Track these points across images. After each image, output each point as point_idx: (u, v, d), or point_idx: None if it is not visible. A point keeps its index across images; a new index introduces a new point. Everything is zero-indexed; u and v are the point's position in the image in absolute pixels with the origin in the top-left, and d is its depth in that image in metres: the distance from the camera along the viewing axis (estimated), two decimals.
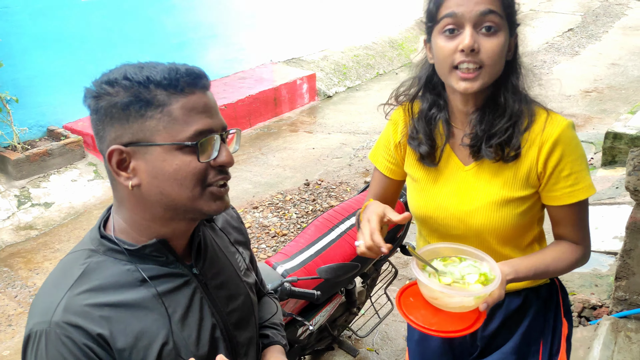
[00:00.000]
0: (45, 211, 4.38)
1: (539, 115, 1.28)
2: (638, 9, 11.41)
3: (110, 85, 0.93)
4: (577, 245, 1.34)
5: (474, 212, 1.33)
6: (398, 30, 9.29)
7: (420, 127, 1.36)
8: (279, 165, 5.22)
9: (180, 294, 1.02)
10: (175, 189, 0.95)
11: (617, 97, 6.71)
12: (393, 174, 1.48)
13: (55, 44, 4.97)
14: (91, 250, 0.99)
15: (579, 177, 1.26)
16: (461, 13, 1.15)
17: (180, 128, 0.93)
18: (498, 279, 1.17)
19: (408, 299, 1.26)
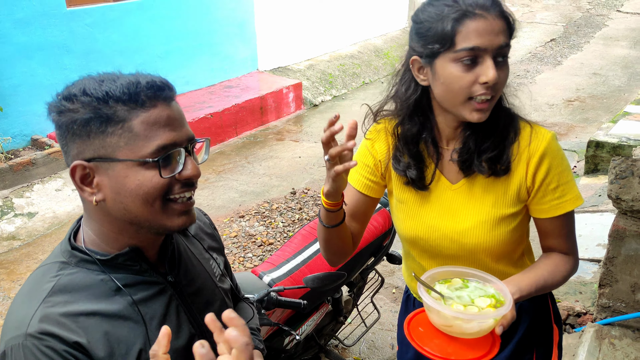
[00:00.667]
0: (29, 221, 4.32)
1: (523, 128, 1.28)
2: (618, 19, 11.63)
3: (70, 101, 0.91)
4: (567, 256, 1.35)
5: (467, 231, 1.31)
6: (383, 39, 9.36)
7: (407, 150, 1.32)
8: (265, 174, 5.22)
9: (156, 302, 1.01)
10: (138, 205, 0.94)
11: (599, 106, 6.81)
12: (370, 191, 1.42)
13: (39, 53, 4.94)
14: (62, 262, 0.98)
15: (566, 189, 1.27)
16: (484, 47, 1.13)
17: (142, 143, 0.91)
18: (510, 299, 1.15)
19: (417, 329, 1.21)
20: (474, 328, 1.11)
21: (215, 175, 5.23)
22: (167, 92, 0.95)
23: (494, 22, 1.13)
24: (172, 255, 1.08)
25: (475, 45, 1.13)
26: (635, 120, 4.84)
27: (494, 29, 1.13)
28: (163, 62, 6.07)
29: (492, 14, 1.14)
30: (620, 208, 2.38)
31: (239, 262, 3.79)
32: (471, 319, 1.11)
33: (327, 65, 8.03)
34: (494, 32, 1.13)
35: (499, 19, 1.14)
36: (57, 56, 5.07)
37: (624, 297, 2.48)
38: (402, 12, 10.00)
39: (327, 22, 8.22)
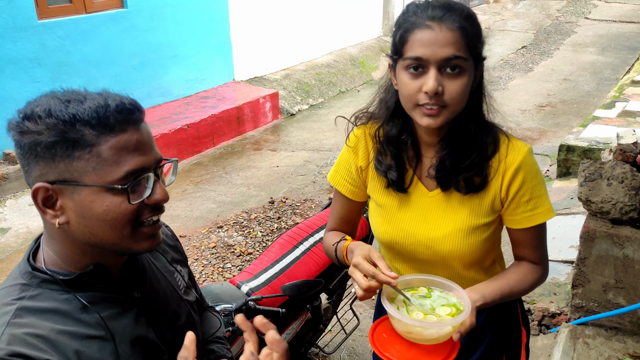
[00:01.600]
0: (2, 237, 4.24)
1: (502, 142, 1.30)
2: (586, 26, 11.93)
3: (33, 122, 0.87)
4: (536, 265, 1.38)
5: (441, 239, 1.34)
6: (359, 48, 9.45)
7: (390, 151, 1.35)
8: (243, 184, 5.21)
9: (123, 319, 0.99)
10: (105, 230, 0.92)
11: (570, 111, 6.96)
12: (356, 197, 1.47)
13: (10, 66, 4.86)
14: (23, 284, 0.94)
15: (538, 202, 1.30)
16: (426, 57, 1.15)
17: (110, 169, 0.89)
18: (468, 307, 1.18)
19: (381, 335, 1.25)
20: (433, 335, 1.15)
21: (193, 186, 5.20)
22: (137, 114, 0.92)
23: (441, 34, 1.14)
24: (136, 271, 1.06)
25: (418, 56, 1.16)
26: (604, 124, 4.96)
27: (439, 41, 1.14)
28: (138, 74, 6.03)
29: (443, 25, 1.14)
30: (590, 210, 2.44)
31: (218, 272, 3.78)
32: (429, 327, 1.15)
33: (303, 75, 8.07)
34: (439, 44, 1.14)
35: (449, 31, 1.14)
36: (28, 69, 5.00)
37: (597, 297, 2.54)
38: (377, 21, 10.11)
39: (302, 32, 8.27)
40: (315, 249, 2.29)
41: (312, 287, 1.98)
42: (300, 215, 4.52)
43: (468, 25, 1.17)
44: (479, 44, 1.21)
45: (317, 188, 5.06)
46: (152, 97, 6.28)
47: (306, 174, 5.38)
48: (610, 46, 10.16)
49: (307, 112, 7.37)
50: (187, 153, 5.82)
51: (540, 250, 1.38)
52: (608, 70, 8.70)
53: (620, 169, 2.32)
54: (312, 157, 5.79)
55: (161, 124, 5.76)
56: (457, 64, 1.16)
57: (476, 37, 1.19)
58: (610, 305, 2.52)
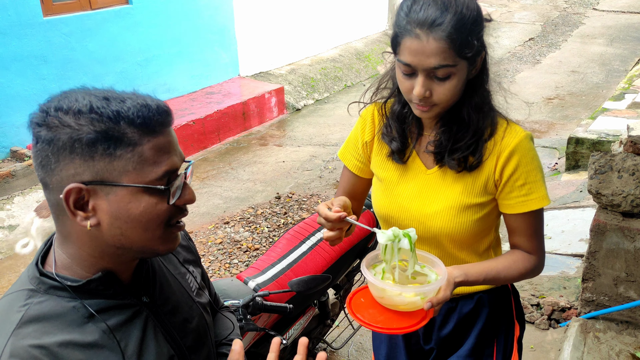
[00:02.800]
0: (10, 234, 4.26)
1: (500, 125, 1.32)
2: (595, 17, 11.81)
3: (73, 117, 0.85)
4: (530, 255, 1.37)
5: (433, 215, 1.37)
6: (364, 42, 9.40)
7: (394, 125, 1.39)
8: (249, 180, 5.20)
9: (131, 326, 0.97)
10: (138, 231, 0.91)
11: (578, 104, 6.90)
12: (361, 172, 1.51)
13: (16, 64, 4.87)
14: (30, 290, 0.92)
15: (533, 188, 1.30)
16: (414, 65, 1.20)
17: (150, 169, 0.88)
18: (443, 279, 1.20)
19: (359, 299, 1.30)
20: (402, 301, 1.20)
21: (199, 182, 5.20)
22: (171, 117, 0.94)
23: (429, 44, 1.16)
24: (146, 275, 1.04)
25: (408, 62, 1.20)
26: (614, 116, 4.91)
27: (426, 51, 1.17)
28: (143, 70, 6.02)
29: (432, 35, 1.16)
30: (600, 203, 2.41)
31: (224, 268, 3.77)
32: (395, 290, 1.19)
33: (308, 69, 8.04)
34: (425, 54, 1.17)
35: (436, 42, 1.16)
36: (34, 66, 5.01)
37: (607, 291, 2.51)
38: (382, 15, 10.06)
39: (307, 26, 8.24)
40: (323, 244, 2.28)
41: (320, 282, 1.97)
42: (307, 211, 4.51)
43: (457, 33, 1.16)
44: (473, 44, 1.20)
45: (323, 183, 5.04)
46: (157, 93, 6.25)
47: (312, 169, 5.37)
48: (619, 37, 10.06)
49: (313, 107, 7.35)
50: (193, 149, 5.82)
51: (535, 240, 1.37)
52: (617, 61, 8.61)
53: (631, 161, 2.29)
54: (318, 152, 5.77)
55: None
56: (444, 72, 1.19)
57: (468, 40, 1.18)
58: (621, 299, 2.50)
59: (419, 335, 1.57)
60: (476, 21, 1.21)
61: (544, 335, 2.79)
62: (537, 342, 2.74)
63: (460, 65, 1.20)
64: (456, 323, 1.51)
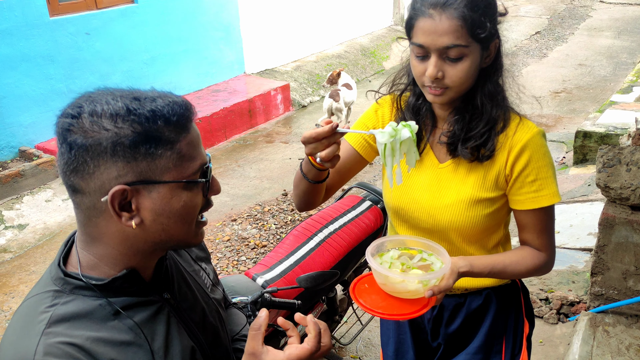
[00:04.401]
0: (20, 233, 4.29)
1: (513, 120, 1.32)
2: (602, 10, 11.72)
3: (111, 120, 0.85)
4: (539, 252, 1.36)
5: (443, 208, 1.36)
6: (369, 38, 9.38)
7: (408, 117, 1.39)
8: (256, 177, 5.21)
9: (156, 322, 0.98)
10: (178, 225, 0.94)
11: (586, 97, 6.86)
12: (363, 150, 1.45)
13: (24, 64, 4.90)
14: (56, 291, 0.92)
15: (543, 184, 1.30)
16: (427, 45, 1.20)
17: (188, 164, 0.92)
18: (446, 267, 1.20)
19: (363, 285, 1.31)
20: (404, 288, 1.20)
21: None
22: (194, 111, 0.96)
23: (441, 23, 1.17)
24: (166, 272, 1.06)
25: (420, 43, 1.21)
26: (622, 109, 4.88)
27: (438, 30, 1.17)
28: (149, 69, 6.04)
29: (444, 14, 1.17)
30: (609, 196, 2.40)
31: (232, 265, 3.79)
32: (397, 277, 1.20)
33: (314, 66, 8.03)
34: (438, 33, 1.18)
35: (449, 20, 1.17)
36: (41, 66, 5.03)
37: (616, 285, 2.50)
38: (387, 11, 10.03)
39: (312, 23, 8.23)
40: (330, 240, 2.28)
41: (328, 278, 1.98)
42: None
43: (470, 12, 1.17)
44: (486, 25, 1.20)
45: None
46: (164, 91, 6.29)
47: None
48: (627, 30, 9.98)
49: (319, 103, 7.34)
50: None
51: (545, 236, 1.36)
52: (624, 54, 8.55)
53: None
54: None
55: None
56: (456, 54, 1.19)
57: (481, 21, 1.19)
58: (631, 293, 2.49)
59: (427, 331, 1.57)
60: (490, 4, 1.22)
61: (553, 329, 2.78)
62: (546, 337, 2.73)
63: (473, 48, 1.20)
64: (464, 319, 1.50)
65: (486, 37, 1.22)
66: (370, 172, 5.11)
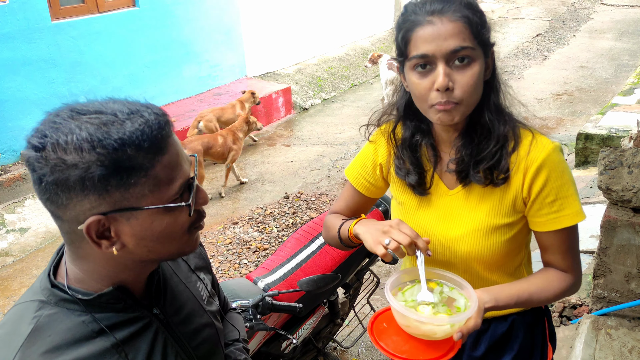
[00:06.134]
0: (21, 237, 4.29)
1: (525, 137, 1.24)
2: (603, 12, 11.72)
3: (76, 154, 0.79)
4: (565, 273, 1.29)
5: (459, 239, 1.29)
6: (370, 40, 9.39)
7: (406, 156, 1.31)
8: (257, 180, 5.21)
9: (140, 340, 0.96)
10: (165, 245, 0.91)
11: (587, 99, 6.85)
12: (368, 192, 1.44)
13: (25, 68, 4.92)
14: (41, 301, 0.91)
15: (564, 204, 1.22)
16: (432, 53, 1.11)
17: (166, 188, 0.86)
18: (474, 307, 1.12)
19: (381, 324, 1.21)
20: (429, 331, 1.10)
21: (208, 182, 5.22)
22: (171, 125, 0.89)
23: (443, 26, 1.10)
24: (157, 286, 1.03)
25: (424, 53, 1.12)
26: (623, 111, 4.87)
27: (442, 34, 1.10)
28: (150, 72, 6.05)
29: (445, 17, 1.11)
30: (610, 199, 2.39)
31: (234, 268, 3.78)
32: (425, 321, 1.09)
33: (315, 69, 8.04)
34: (442, 37, 1.10)
35: (452, 22, 1.10)
36: (43, 70, 5.05)
37: (619, 287, 2.49)
38: (389, 13, 10.04)
39: (314, 26, 8.24)
40: None
41: (329, 282, 1.97)
42: (316, 210, 4.51)
43: (470, 13, 1.12)
44: (484, 30, 1.15)
45: (331, 182, 5.04)
46: (166, 94, 6.30)
47: (320, 168, 5.37)
48: (628, 32, 9.97)
49: (320, 106, 7.35)
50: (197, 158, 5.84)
51: (570, 257, 1.28)
52: (626, 56, 8.54)
53: None
54: (326, 152, 5.77)
55: (175, 121, 5.78)
56: (465, 55, 1.11)
57: (481, 23, 1.14)
58: (633, 295, 2.48)
59: None
60: (482, 10, 1.17)
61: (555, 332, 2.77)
62: None
63: (478, 53, 1.13)
64: (488, 346, 1.43)
65: (487, 41, 1.16)
66: None
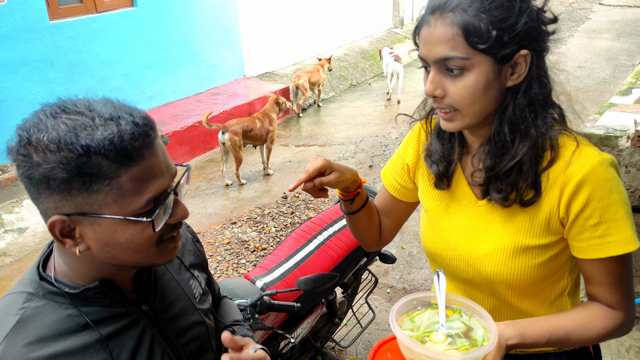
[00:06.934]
0: (19, 237, 4.29)
1: (566, 147, 1.06)
2: (601, 12, 11.74)
3: (42, 154, 0.79)
4: (612, 310, 1.09)
5: (484, 257, 1.14)
6: (369, 40, 9.40)
7: (435, 144, 1.21)
8: (256, 180, 5.21)
9: (126, 336, 0.96)
10: (129, 254, 0.89)
11: (585, 99, 6.87)
12: (400, 195, 1.34)
13: (24, 68, 4.91)
14: (29, 293, 0.91)
15: (611, 228, 1.03)
16: (424, 57, 1.03)
17: (132, 199, 0.83)
18: (492, 343, 0.98)
19: (385, 354, 1.11)
20: None
21: (206, 182, 5.22)
22: (152, 135, 0.85)
23: (436, 30, 0.99)
24: (147, 282, 1.03)
25: (420, 54, 1.05)
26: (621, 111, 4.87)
27: (432, 39, 1.00)
28: (149, 72, 6.05)
29: (439, 21, 0.99)
30: None
31: (232, 268, 3.79)
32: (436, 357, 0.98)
33: None
34: (432, 42, 1.00)
35: (443, 27, 0.98)
36: (41, 70, 5.04)
37: None
38: (387, 13, 10.05)
39: (312, 26, 8.24)
40: (330, 242, 2.28)
41: (327, 281, 1.97)
42: (314, 210, 4.51)
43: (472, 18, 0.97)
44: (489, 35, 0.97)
45: None
46: (164, 94, 6.30)
47: None
48: (626, 32, 9.99)
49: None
50: (199, 150, 5.84)
51: (619, 291, 1.09)
52: (624, 56, 8.56)
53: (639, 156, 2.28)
54: (324, 151, 5.78)
55: (173, 121, 5.78)
56: (454, 65, 1.00)
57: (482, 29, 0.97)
58: None
59: None
60: (504, 6, 0.98)
61: None
62: None
63: (477, 60, 0.99)
64: None
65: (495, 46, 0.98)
66: (370, 174, 5.11)
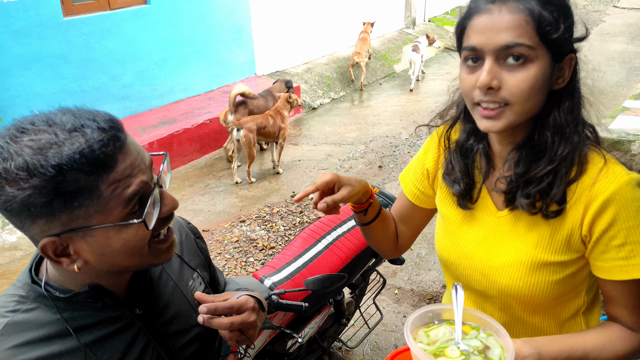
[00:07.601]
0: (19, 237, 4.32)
1: (593, 163, 1.04)
2: (615, 15, 11.64)
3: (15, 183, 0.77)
4: (632, 332, 1.08)
5: (500, 268, 1.12)
6: (380, 40, 9.38)
7: (456, 160, 1.17)
8: (265, 178, 5.22)
9: (117, 340, 0.95)
10: (127, 258, 0.89)
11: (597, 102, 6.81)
12: (419, 201, 1.31)
13: (37, 64, 4.95)
14: (21, 296, 0.91)
15: (635, 250, 1.01)
16: (480, 46, 0.97)
17: (114, 204, 0.82)
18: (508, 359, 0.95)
19: None
20: None
21: (216, 180, 5.23)
22: (120, 137, 0.83)
23: (501, 17, 0.95)
24: (142, 286, 1.02)
25: (473, 45, 0.98)
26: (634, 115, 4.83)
27: (496, 25, 0.95)
28: (160, 69, 6.08)
29: (504, 7, 0.95)
30: None
31: (240, 266, 3.80)
32: None
33: (324, 68, 8.04)
34: (495, 29, 0.95)
35: (510, 14, 0.94)
36: (54, 66, 5.08)
37: None
38: (399, 13, 10.02)
39: (323, 25, 8.24)
40: (338, 242, 2.28)
41: (336, 281, 1.97)
42: None
43: (540, 7, 0.94)
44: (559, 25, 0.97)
45: None
46: (175, 92, 6.33)
47: (328, 167, 5.37)
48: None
49: (329, 105, 7.35)
50: (209, 148, 5.85)
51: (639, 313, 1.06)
52: (638, 60, 8.48)
53: None
54: (334, 151, 5.77)
55: (184, 118, 5.80)
56: (520, 53, 0.95)
57: (553, 18, 0.96)
58: None
59: None
60: (564, 5, 0.99)
61: None
62: None
63: (541, 53, 0.96)
64: None
65: (559, 41, 0.97)
66: (379, 175, 5.10)
